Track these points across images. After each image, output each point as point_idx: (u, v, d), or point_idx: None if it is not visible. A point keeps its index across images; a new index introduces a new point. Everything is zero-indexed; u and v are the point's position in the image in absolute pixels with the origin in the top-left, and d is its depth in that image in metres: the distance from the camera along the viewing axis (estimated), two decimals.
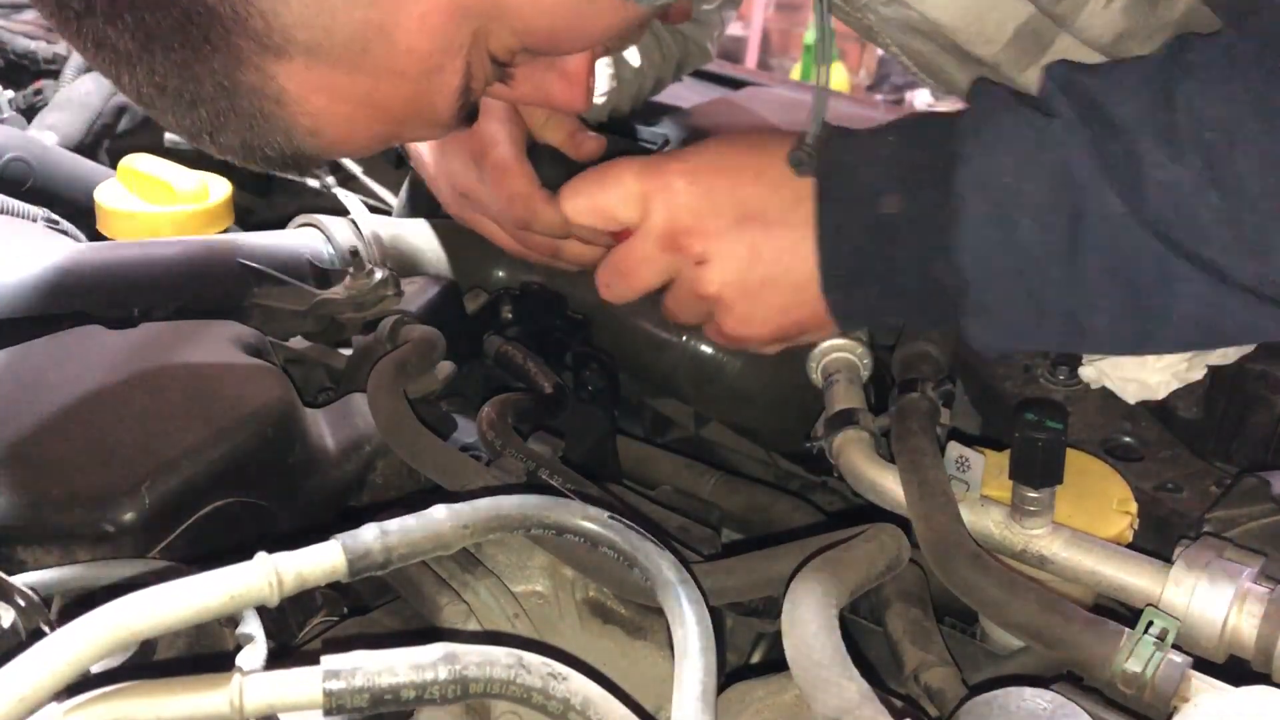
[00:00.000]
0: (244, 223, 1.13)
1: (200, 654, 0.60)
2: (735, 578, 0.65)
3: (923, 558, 0.65)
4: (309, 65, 0.61)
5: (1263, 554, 0.62)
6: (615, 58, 1.15)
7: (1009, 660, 0.71)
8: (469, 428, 0.85)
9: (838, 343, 0.82)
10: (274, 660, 0.50)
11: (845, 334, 0.82)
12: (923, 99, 4.36)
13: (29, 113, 1.38)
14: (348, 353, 0.89)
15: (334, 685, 0.47)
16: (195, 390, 0.73)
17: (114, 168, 1.10)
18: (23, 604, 0.54)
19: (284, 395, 0.75)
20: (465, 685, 0.48)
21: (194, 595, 0.48)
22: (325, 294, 0.91)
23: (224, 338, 0.79)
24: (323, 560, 0.51)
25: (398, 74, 0.64)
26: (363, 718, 0.49)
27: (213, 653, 0.60)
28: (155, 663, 0.58)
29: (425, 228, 1.06)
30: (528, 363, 0.90)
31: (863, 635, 0.75)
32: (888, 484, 0.70)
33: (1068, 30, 0.82)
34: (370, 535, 0.52)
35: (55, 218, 1.04)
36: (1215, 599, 0.58)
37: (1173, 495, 0.74)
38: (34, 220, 1.03)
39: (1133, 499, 0.70)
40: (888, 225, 0.72)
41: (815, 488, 0.97)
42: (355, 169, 1.35)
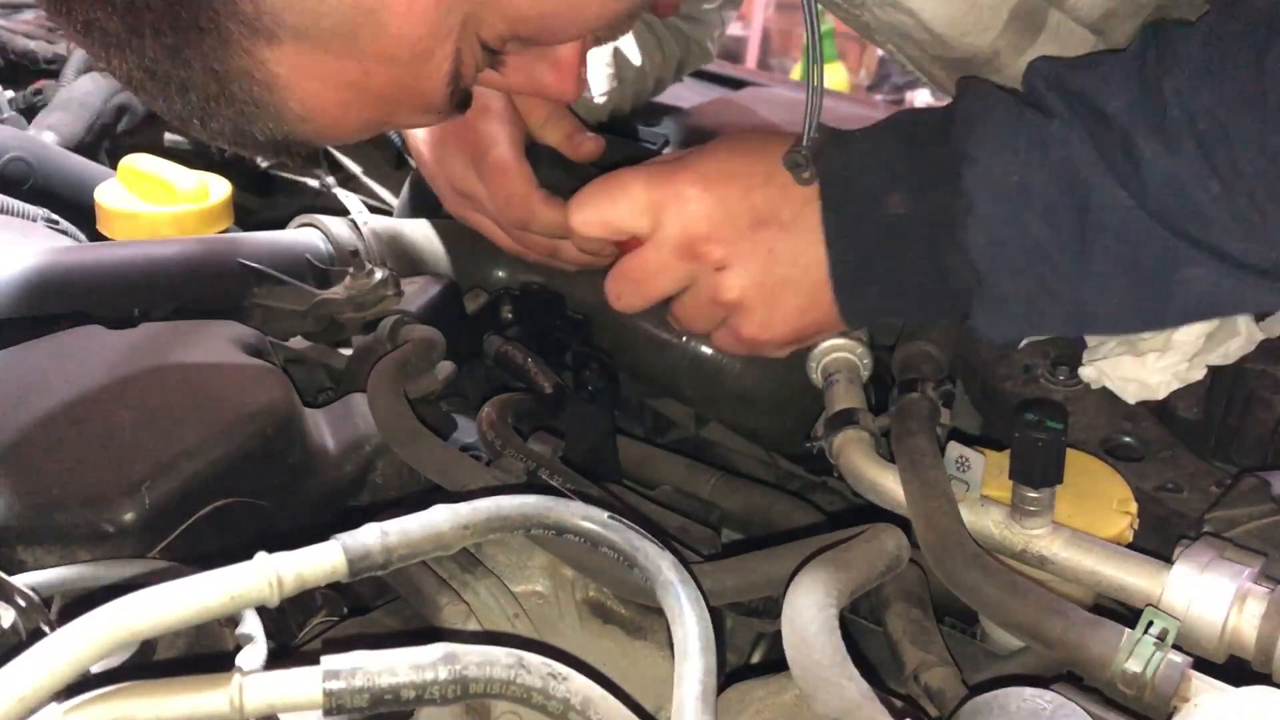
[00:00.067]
0: (244, 223, 1.13)
1: (200, 654, 0.60)
2: (735, 578, 0.65)
3: (923, 558, 0.65)
4: (298, 49, 0.61)
5: (1263, 554, 0.62)
6: (616, 58, 1.15)
7: (1009, 660, 0.71)
8: (469, 428, 0.85)
9: (837, 343, 0.82)
10: (274, 660, 0.50)
11: (845, 333, 0.82)
12: (923, 99, 4.35)
13: (29, 113, 1.38)
14: (348, 353, 0.89)
15: (334, 685, 0.47)
16: (195, 390, 0.73)
17: (114, 168, 1.10)
18: (23, 604, 0.54)
19: (284, 395, 0.75)
20: (465, 685, 0.48)
21: (194, 595, 0.48)
22: (325, 294, 0.91)
23: (224, 338, 0.79)
24: (323, 560, 0.51)
25: (387, 59, 0.64)
26: (363, 718, 0.49)
27: (213, 653, 0.60)
28: (155, 663, 0.58)
29: (425, 227, 1.06)
30: (528, 363, 0.90)
31: (863, 635, 0.75)
32: (888, 484, 0.70)
33: (1058, 8, 0.83)
34: (370, 535, 0.52)
35: (55, 218, 1.04)
36: (1215, 599, 0.58)
37: (1173, 495, 0.74)
38: (34, 220, 1.02)
39: (1133, 499, 0.70)
40: (895, 226, 0.73)
41: (815, 488, 0.97)
42: (355, 169, 1.35)
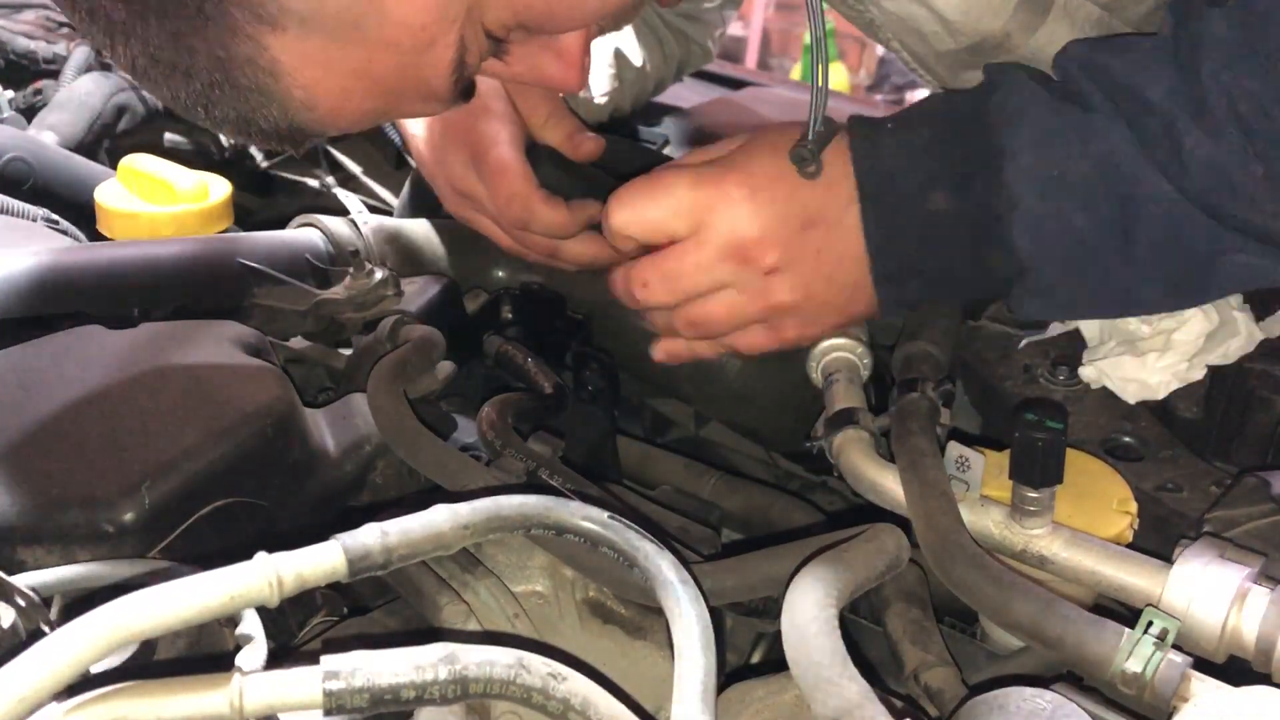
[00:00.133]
0: (244, 223, 1.13)
1: (200, 654, 0.60)
2: (735, 578, 0.65)
3: (923, 558, 0.65)
4: (302, 36, 0.61)
5: (1263, 554, 0.62)
6: (617, 58, 1.15)
7: (1009, 660, 0.71)
8: (469, 428, 0.85)
9: (837, 342, 0.83)
10: (274, 660, 0.50)
11: (846, 331, 0.83)
12: None
13: (29, 113, 1.38)
14: (348, 353, 0.89)
15: (334, 685, 0.47)
16: (195, 390, 0.73)
17: (114, 168, 1.10)
18: (23, 604, 0.54)
19: (284, 395, 0.75)
20: (465, 685, 0.48)
21: (194, 595, 0.48)
22: (325, 294, 0.91)
23: (224, 338, 0.79)
24: (323, 560, 0.51)
25: (391, 46, 0.63)
26: (363, 718, 0.49)
27: (213, 653, 0.60)
28: (155, 663, 0.58)
29: (425, 227, 1.06)
30: (528, 363, 0.90)
31: (863, 635, 0.75)
32: (888, 484, 0.70)
33: None
34: (370, 535, 0.52)
35: (55, 218, 1.04)
36: (1215, 599, 0.58)
37: (1173, 495, 0.74)
38: (34, 220, 1.02)
39: (1133, 499, 0.70)
40: (937, 223, 0.74)
41: (815, 488, 0.97)
42: (355, 169, 1.35)
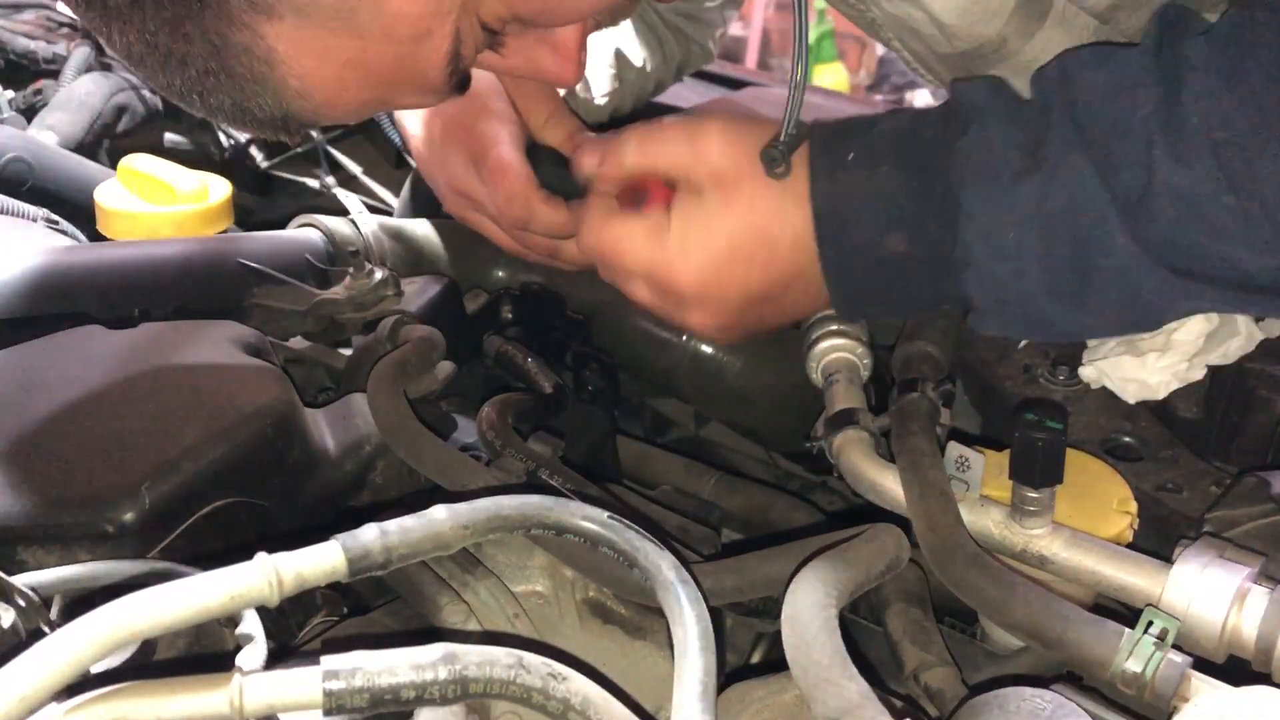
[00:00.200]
0: (244, 223, 1.13)
1: (200, 654, 0.60)
2: (735, 578, 0.65)
3: (923, 558, 0.65)
4: (299, 25, 0.61)
5: (1263, 554, 0.62)
6: (618, 59, 1.15)
7: (1009, 660, 0.71)
8: (469, 428, 0.85)
9: (837, 343, 0.83)
10: (274, 660, 0.50)
11: (846, 332, 0.83)
12: (923, 99, 4.35)
13: (29, 113, 1.38)
14: (348, 353, 0.89)
15: (334, 685, 0.47)
16: (195, 390, 0.73)
17: (114, 168, 1.10)
18: (23, 604, 0.54)
19: (284, 395, 0.75)
20: (465, 685, 0.48)
21: (194, 595, 0.48)
22: (325, 294, 0.91)
23: (224, 338, 0.79)
24: (322, 560, 0.51)
25: (386, 36, 0.63)
26: (363, 718, 0.49)
27: (213, 653, 0.60)
28: (155, 663, 0.58)
29: (426, 227, 1.06)
30: (528, 363, 0.90)
31: (863, 635, 0.75)
32: (888, 484, 0.70)
33: None
34: (370, 535, 0.52)
35: (55, 218, 1.04)
36: (1215, 599, 0.58)
37: (1173, 495, 0.74)
38: (34, 220, 1.02)
39: (1133, 499, 0.70)
40: (894, 262, 0.74)
41: (815, 488, 0.97)
42: (355, 169, 1.35)
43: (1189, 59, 0.65)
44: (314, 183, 1.37)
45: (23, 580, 0.55)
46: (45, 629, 0.54)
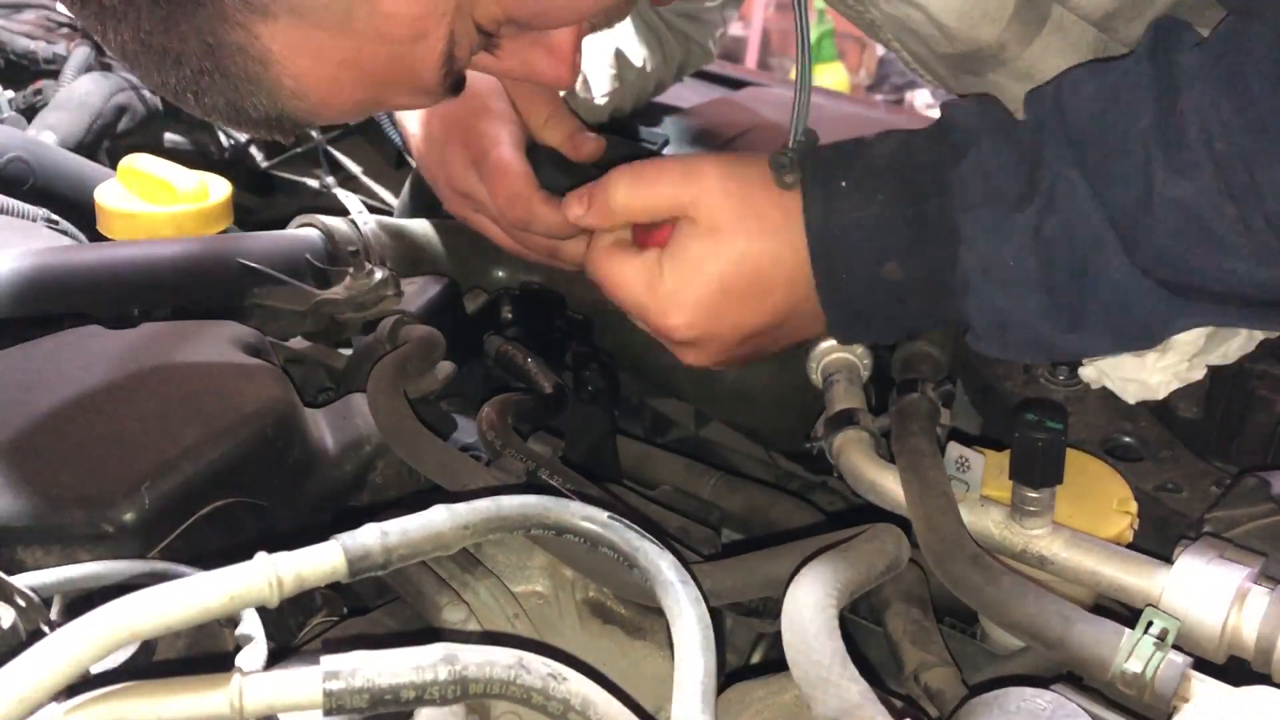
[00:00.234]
0: (244, 223, 1.13)
1: (200, 654, 0.60)
2: (735, 578, 0.65)
3: (923, 558, 0.65)
4: (293, 25, 0.61)
5: (1263, 554, 0.62)
6: (618, 59, 1.15)
7: (1009, 660, 0.71)
8: (469, 428, 0.85)
9: (837, 343, 0.83)
10: (274, 660, 0.50)
11: None
12: (923, 99, 4.35)
13: (29, 113, 1.38)
14: (348, 353, 0.89)
15: (334, 685, 0.47)
16: (195, 390, 0.73)
17: (114, 168, 1.10)
18: (23, 604, 0.54)
19: (284, 395, 0.75)
20: (465, 686, 0.48)
21: (194, 595, 0.48)
22: (325, 294, 0.91)
23: (224, 338, 0.79)
24: (322, 561, 0.51)
25: (381, 37, 0.63)
26: (363, 718, 0.49)
27: (213, 653, 0.60)
28: (155, 663, 0.58)
29: (426, 227, 1.06)
30: (528, 363, 0.90)
31: (863, 635, 0.75)
32: (888, 484, 0.70)
33: (1062, 4, 0.83)
34: (370, 536, 0.52)
35: (55, 218, 1.04)
36: (1215, 599, 0.58)
37: (1173, 495, 0.74)
38: (34, 220, 1.02)
39: (1133, 499, 0.70)
40: (891, 289, 0.73)
41: (815, 488, 0.97)
42: (355, 169, 1.35)
43: (1185, 70, 0.65)
44: (314, 183, 1.36)
45: (23, 580, 0.55)
46: (45, 629, 0.54)
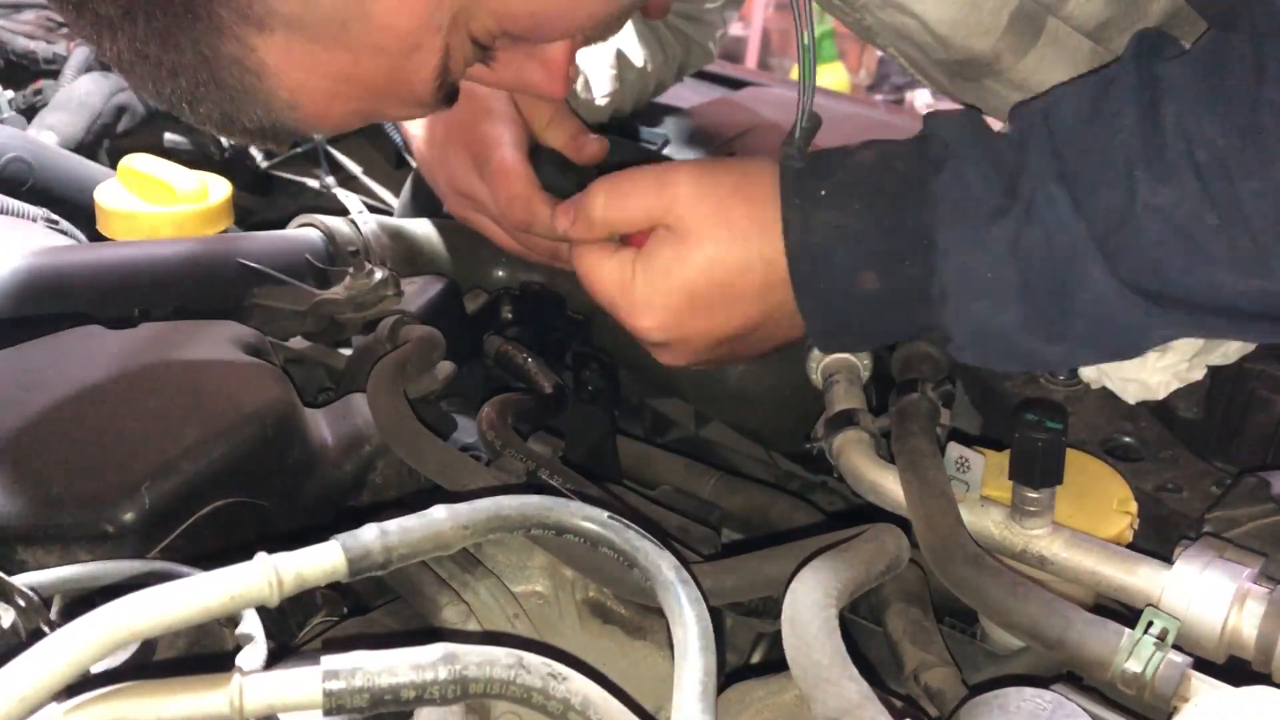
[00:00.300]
0: (244, 223, 1.13)
1: (200, 654, 0.60)
2: (735, 578, 0.65)
3: (923, 558, 0.65)
4: (289, 39, 0.61)
5: (1263, 554, 0.62)
6: (619, 59, 1.15)
7: (1009, 660, 0.71)
8: (469, 428, 0.85)
9: None
10: (274, 660, 0.50)
11: None
12: (923, 99, 4.34)
13: (29, 113, 1.38)
14: (348, 353, 0.89)
15: (334, 685, 0.47)
16: (195, 390, 0.73)
17: (114, 168, 1.10)
18: (23, 604, 0.54)
19: (284, 395, 0.75)
20: (465, 685, 0.48)
21: (194, 595, 0.48)
22: (325, 294, 0.91)
23: (224, 338, 0.79)
24: (322, 560, 0.51)
25: (376, 51, 0.64)
26: (363, 718, 0.49)
27: (213, 653, 0.60)
28: (155, 663, 0.58)
29: (426, 227, 1.06)
30: (528, 363, 0.90)
31: (863, 635, 0.75)
32: (888, 484, 0.70)
33: (1055, 15, 0.83)
34: (370, 535, 0.52)
35: (55, 218, 1.04)
36: (1215, 599, 0.58)
37: (1173, 495, 0.74)
38: (34, 220, 1.02)
39: (1133, 499, 0.70)
40: (870, 299, 0.73)
41: (815, 488, 0.97)
42: (355, 169, 1.35)
43: (1167, 81, 0.65)
44: (314, 183, 1.36)
45: (23, 580, 0.55)
46: (45, 629, 0.54)
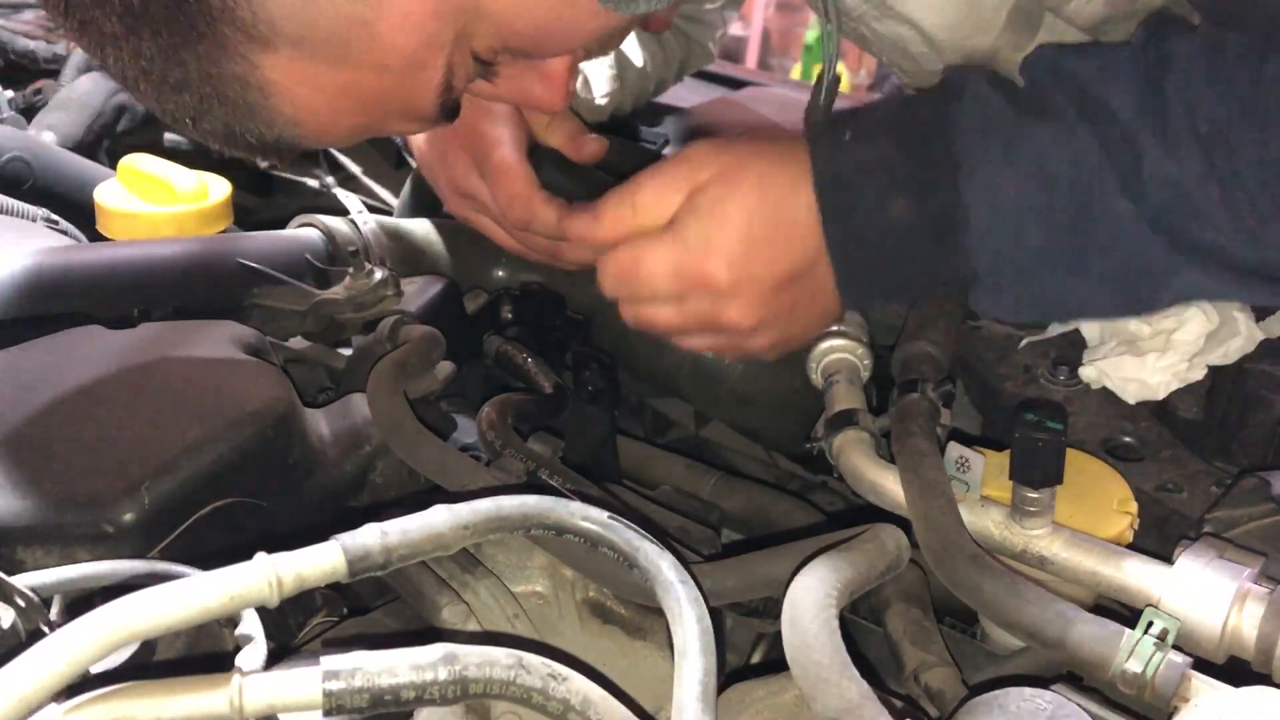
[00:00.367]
0: (244, 223, 1.13)
1: (200, 654, 0.60)
2: (735, 578, 0.65)
3: (923, 558, 0.65)
4: (293, 57, 0.62)
5: (1263, 554, 0.62)
6: (618, 59, 1.15)
7: (1009, 660, 0.71)
8: (469, 428, 0.85)
9: (838, 343, 0.83)
10: (274, 660, 0.50)
11: (846, 333, 0.83)
12: None
13: (29, 113, 1.38)
14: (348, 353, 0.89)
15: (334, 685, 0.47)
16: (195, 390, 0.73)
17: (114, 168, 1.10)
18: (23, 604, 0.54)
19: (284, 395, 0.75)
20: (465, 686, 0.48)
21: (194, 595, 0.48)
22: (325, 294, 0.91)
23: (224, 338, 0.79)
24: (322, 561, 0.51)
25: (380, 68, 0.64)
26: (363, 718, 0.49)
27: (213, 653, 0.60)
28: (155, 663, 0.58)
29: (426, 227, 1.06)
30: (528, 363, 0.90)
31: (863, 635, 0.75)
32: (888, 484, 0.70)
33: (1058, 15, 0.84)
34: (370, 536, 0.52)
35: (55, 218, 1.04)
36: (1215, 599, 0.58)
37: (1173, 495, 0.74)
38: (34, 220, 1.02)
39: (1133, 499, 0.70)
40: (897, 231, 0.74)
41: (815, 488, 0.97)
42: (355, 169, 1.35)
43: (1172, 55, 0.66)
44: (314, 183, 1.36)
45: (23, 580, 0.55)
46: (45, 629, 0.54)
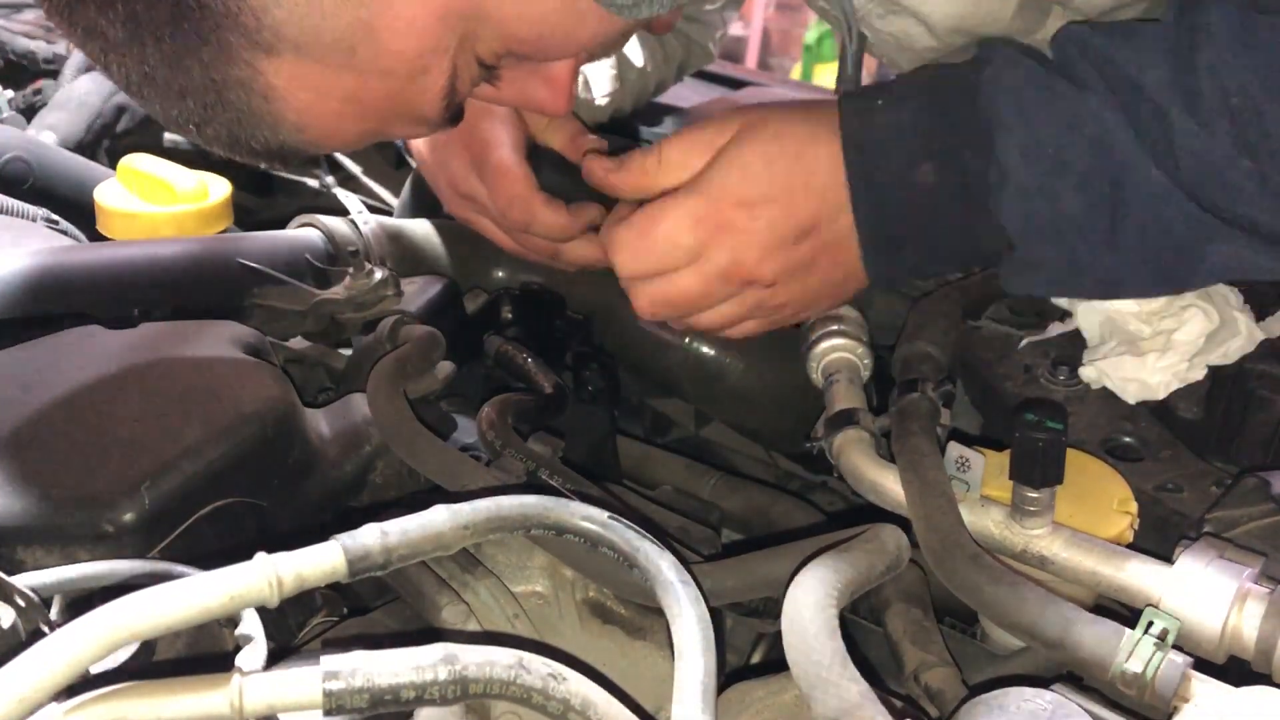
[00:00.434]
0: (244, 223, 1.13)
1: (200, 654, 0.60)
2: (735, 578, 0.65)
3: (923, 558, 0.65)
4: (297, 62, 0.62)
5: (1263, 554, 0.62)
6: (619, 59, 1.15)
7: (1009, 660, 0.71)
8: (469, 428, 0.85)
9: (838, 343, 0.83)
10: (274, 660, 0.50)
11: (846, 332, 0.83)
12: None
13: (29, 113, 1.38)
14: (348, 353, 0.89)
15: (334, 685, 0.47)
16: (195, 390, 0.73)
17: (114, 168, 1.10)
18: (23, 604, 0.54)
19: (284, 395, 0.75)
20: (465, 686, 0.48)
21: (194, 595, 0.48)
22: (325, 294, 0.91)
23: (224, 338, 0.79)
24: (322, 561, 0.51)
25: (384, 73, 0.64)
26: (363, 718, 0.49)
27: (213, 653, 0.60)
28: (155, 663, 0.58)
29: (426, 227, 1.06)
30: (528, 363, 0.90)
31: (863, 635, 0.75)
32: (888, 484, 0.70)
33: (1066, 7, 0.84)
34: (370, 536, 0.52)
35: (55, 218, 1.04)
36: (1215, 599, 0.58)
37: (1173, 495, 0.74)
38: (34, 220, 1.02)
39: (1133, 499, 0.70)
40: (926, 195, 0.74)
41: (815, 488, 0.97)
42: (355, 169, 1.35)
43: (1205, 27, 0.66)
44: (314, 183, 1.36)
45: (23, 580, 0.55)
46: (45, 629, 0.54)
